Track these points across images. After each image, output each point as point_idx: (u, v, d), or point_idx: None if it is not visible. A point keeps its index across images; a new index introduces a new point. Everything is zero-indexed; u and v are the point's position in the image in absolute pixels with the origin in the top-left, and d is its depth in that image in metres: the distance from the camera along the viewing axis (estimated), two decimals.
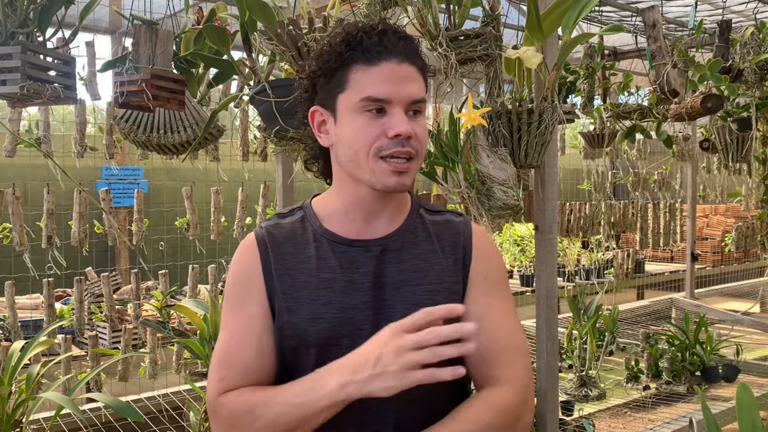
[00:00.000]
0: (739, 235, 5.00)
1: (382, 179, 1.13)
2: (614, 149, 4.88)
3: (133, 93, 1.88)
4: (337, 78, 1.14)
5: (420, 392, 1.03)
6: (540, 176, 2.18)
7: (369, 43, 1.12)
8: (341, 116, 1.15)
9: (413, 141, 1.12)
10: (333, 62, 1.14)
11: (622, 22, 4.08)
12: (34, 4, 1.76)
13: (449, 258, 1.21)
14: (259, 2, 1.78)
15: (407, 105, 1.13)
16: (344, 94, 1.14)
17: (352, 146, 1.13)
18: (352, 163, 1.15)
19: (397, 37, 1.13)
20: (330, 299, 1.15)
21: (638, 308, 5.16)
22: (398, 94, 1.11)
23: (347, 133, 1.14)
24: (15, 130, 3.02)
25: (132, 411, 2.09)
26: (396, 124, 1.10)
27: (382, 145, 1.11)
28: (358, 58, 1.12)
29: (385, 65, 1.12)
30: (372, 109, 1.11)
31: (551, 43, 2.10)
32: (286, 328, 1.15)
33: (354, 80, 1.12)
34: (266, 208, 3.76)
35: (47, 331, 2.60)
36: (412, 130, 1.12)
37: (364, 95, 1.11)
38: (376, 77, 1.11)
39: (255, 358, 1.15)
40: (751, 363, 3.65)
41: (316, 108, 1.19)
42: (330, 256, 1.18)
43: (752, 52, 3.14)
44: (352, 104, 1.12)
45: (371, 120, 1.12)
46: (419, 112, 1.15)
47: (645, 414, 3.04)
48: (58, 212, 3.18)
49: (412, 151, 1.13)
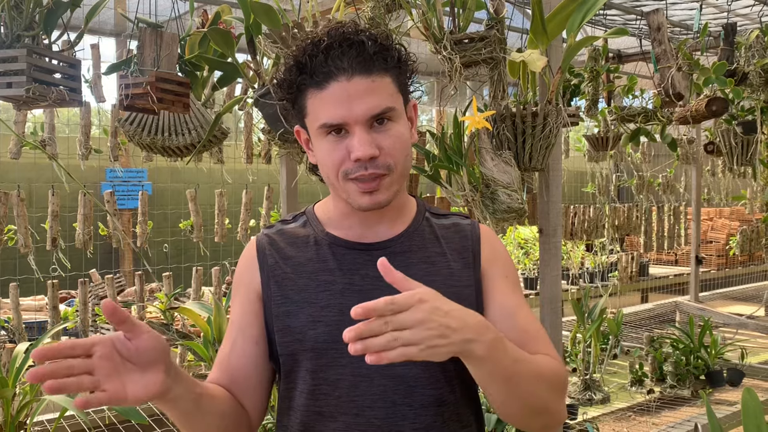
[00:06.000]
0: (743, 238, 4.99)
1: (355, 200, 1.11)
2: (618, 152, 4.87)
3: (138, 96, 1.89)
4: (298, 104, 1.13)
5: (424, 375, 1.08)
6: (544, 179, 2.17)
7: (315, 64, 1.07)
8: (313, 139, 1.14)
9: (380, 159, 1.08)
10: (287, 91, 1.12)
11: (626, 25, 4.07)
12: (39, 7, 1.76)
13: (458, 262, 1.19)
14: (264, 5, 1.78)
15: (367, 120, 1.07)
16: (307, 120, 1.13)
17: (323, 169, 1.13)
18: (329, 184, 1.15)
19: (342, 51, 1.06)
20: (329, 302, 1.13)
21: (642, 311, 5.16)
22: (351, 114, 1.06)
23: (319, 156, 1.13)
24: (20, 132, 3.02)
25: (135, 413, 2.09)
26: (356, 147, 1.06)
27: (347, 169, 1.09)
28: (308, 83, 1.09)
29: (333, 86, 1.06)
30: (332, 132, 1.09)
31: (556, 46, 2.10)
32: (284, 333, 1.15)
33: (309, 106, 1.10)
34: (270, 211, 3.77)
35: (51, 333, 2.60)
36: (373, 150, 1.06)
37: (319, 123, 1.09)
38: (327, 101, 1.07)
39: (226, 357, 1.18)
40: (756, 367, 3.64)
41: (298, 128, 1.19)
42: (329, 259, 1.17)
43: (757, 55, 3.14)
44: (314, 130, 1.11)
45: (335, 143, 1.09)
46: (389, 119, 1.09)
47: (649, 418, 3.03)
48: (62, 214, 3.19)
49: (377, 172, 1.08)
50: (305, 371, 1.13)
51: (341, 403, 1.12)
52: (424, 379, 1.13)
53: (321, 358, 1.12)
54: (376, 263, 1.13)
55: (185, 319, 3.43)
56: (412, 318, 0.89)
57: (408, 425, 1.11)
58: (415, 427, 1.12)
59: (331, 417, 1.12)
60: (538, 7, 1.87)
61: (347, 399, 1.12)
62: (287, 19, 1.85)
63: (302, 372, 1.14)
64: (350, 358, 1.02)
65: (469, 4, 1.98)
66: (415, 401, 1.12)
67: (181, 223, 3.65)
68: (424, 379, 1.12)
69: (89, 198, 3.15)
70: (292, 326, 1.14)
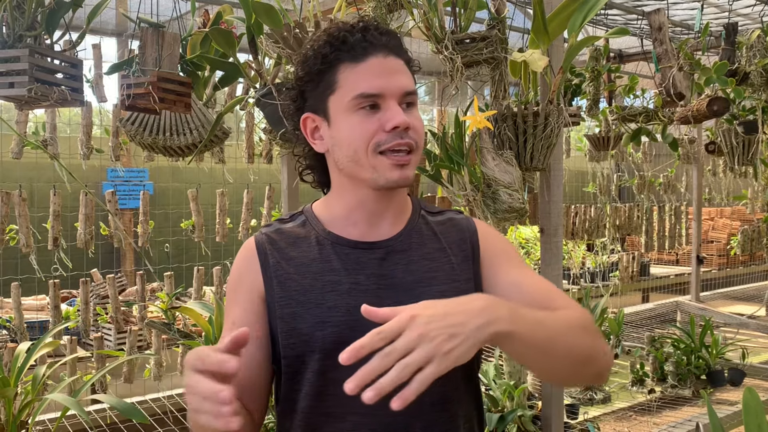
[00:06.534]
0: (744, 238, 4.99)
1: (384, 174, 1.11)
2: (619, 152, 4.87)
3: (140, 95, 1.89)
4: (325, 81, 1.13)
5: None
6: (545, 179, 2.17)
7: (353, 40, 1.11)
8: (335, 118, 1.13)
9: (411, 132, 1.11)
10: (319, 65, 1.12)
11: (627, 25, 4.07)
12: (41, 7, 1.76)
13: (458, 256, 1.20)
14: (265, 5, 1.78)
15: (400, 97, 1.11)
16: (335, 95, 1.12)
17: (351, 145, 1.12)
18: (352, 163, 1.13)
19: (379, 32, 1.12)
20: (336, 302, 1.12)
21: (643, 311, 5.16)
22: (390, 86, 1.10)
23: (343, 133, 1.12)
24: (22, 132, 3.03)
25: (137, 412, 2.09)
26: (392, 116, 1.09)
27: (380, 140, 1.10)
28: (344, 58, 1.11)
29: (372, 60, 1.10)
30: (365, 105, 1.10)
31: (557, 46, 2.10)
32: (290, 335, 1.13)
33: (343, 79, 1.11)
34: (271, 210, 3.77)
35: (53, 333, 2.60)
36: (408, 121, 1.10)
37: (356, 92, 1.10)
38: (365, 73, 1.10)
39: None
40: (757, 366, 3.64)
41: (308, 115, 1.17)
42: (333, 259, 1.16)
43: (758, 55, 3.14)
44: (345, 104, 1.11)
45: (366, 116, 1.10)
46: (412, 104, 1.14)
47: (650, 418, 3.03)
48: (64, 214, 3.19)
49: (411, 143, 1.11)
50: (312, 372, 1.12)
51: (350, 404, 1.10)
52: None
53: (329, 359, 1.10)
54: (380, 262, 1.15)
55: (186, 319, 3.43)
56: (411, 337, 0.84)
57: (418, 423, 1.12)
58: (424, 424, 1.12)
59: (339, 418, 1.12)
60: (539, 7, 1.87)
61: (357, 399, 1.11)
62: (289, 19, 1.85)
63: (309, 373, 1.13)
64: None
65: (471, 4, 1.98)
66: (424, 399, 1.11)
67: (183, 223, 3.65)
68: None
69: (91, 198, 3.16)
70: (299, 328, 1.12)
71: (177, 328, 2.53)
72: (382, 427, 1.10)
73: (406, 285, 1.15)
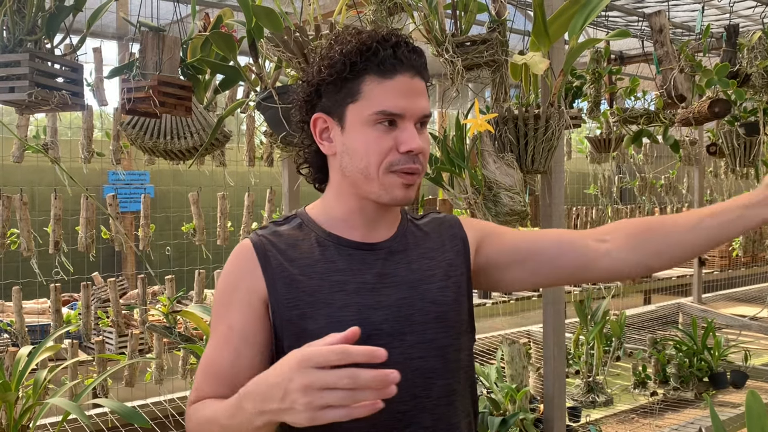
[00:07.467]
0: (746, 239, 4.98)
1: (391, 192, 1.14)
2: (621, 154, 4.86)
3: (140, 99, 1.89)
4: (348, 88, 1.13)
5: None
6: (546, 181, 2.17)
7: (384, 54, 1.11)
8: (350, 127, 1.14)
9: (421, 156, 1.14)
10: (346, 72, 1.12)
11: (628, 26, 4.07)
12: (42, 12, 1.76)
13: (452, 251, 1.25)
14: (266, 9, 1.78)
15: (418, 119, 1.14)
16: (355, 105, 1.12)
17: (363, 158, 1.13)
18: (361, 175, 1.14)
19: (409, 50, 1.14)
20: (345, 302, 1.13)
21: (645, 313, 5.14)
22: (412, 108, 1.12)
23: (358, 145, 1.13)
24: (23, 135, 3.03)
25: (138, 416, 2.09)
26: (408, 139, 1.11)
27: (393, 160, 1.12)
28: (371, 70, 1.11)
29: (399, 78, 1.12)
30: (384, 121, 1.11)
31: (558, 48, 2.10)
32: (299, 337, 1.11)
33: (368, 91, 1.11)
34: (272, 213, 3.77)
35: (54, 336, 2.60)
36: (423, 147, 1.13)
37: (378, 108, 1.11)
38: (391, 91, 1.11)
39: (228, 369, 1.12)
40: (759, 369, 3.63)
41: (320, 115, 1.17)
42: (338, 259, 1.16)
43: (759, 56, 3.13)
44: (364, 116, 1.12)
45: (383, 133, 1.12)
46: (425, 124, 1.17)
47: (652, 420, 3.02)
48: (65, 217, 3.20)
49: (419, 168, 1.14)
50: None
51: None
52: (440, 369, 1.16)
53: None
54: (383, 262, 1.18)
55: (188, 322, 3.43)
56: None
57: (427, 416, 1.15)
58: (433, 417, 1.15)
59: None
60: (540, 10, 1.87)
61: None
62: (289, 23, 1.85)
63: None
64: None
65: (471, 7, 1.98)
66: (433, 392, 1.15)
67: (184, 226, 3.65)
68: (440, 369, 1.16)
69: (92, 201, 3.16)
70: (310, 329, 1.11)
71: (178, 332, 2.52)
72: (394, 422, 1.12)
73: (410, 282, 1.18)
